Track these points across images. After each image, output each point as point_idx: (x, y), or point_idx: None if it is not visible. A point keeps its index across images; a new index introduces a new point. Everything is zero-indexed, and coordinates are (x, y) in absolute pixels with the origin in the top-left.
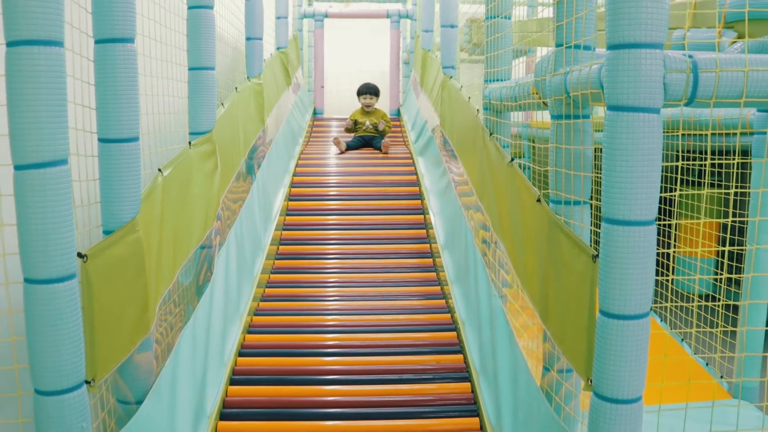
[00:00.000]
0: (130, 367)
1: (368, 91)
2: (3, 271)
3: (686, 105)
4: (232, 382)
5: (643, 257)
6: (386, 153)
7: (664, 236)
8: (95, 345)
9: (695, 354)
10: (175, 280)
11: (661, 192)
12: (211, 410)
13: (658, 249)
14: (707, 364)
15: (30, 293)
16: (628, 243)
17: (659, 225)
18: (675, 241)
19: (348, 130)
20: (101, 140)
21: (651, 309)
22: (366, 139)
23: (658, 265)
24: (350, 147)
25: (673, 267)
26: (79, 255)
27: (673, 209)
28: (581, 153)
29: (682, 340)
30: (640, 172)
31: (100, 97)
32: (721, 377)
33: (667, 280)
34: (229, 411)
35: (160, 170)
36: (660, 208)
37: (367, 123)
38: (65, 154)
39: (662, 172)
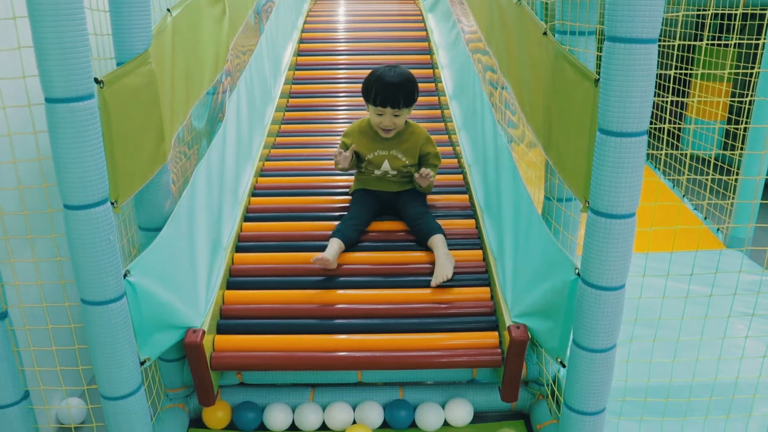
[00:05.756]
0: (150, 195)
1: (392, 99)
2: (25, 93)
3: None
4: (246, 219)
5: (643, 75)
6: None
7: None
8: (116, 168)
9: (698, 213)
10: (189, 121)
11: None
12: (228, 243)
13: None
14: (706, 218)
15: (51, 112)
16: (629, 60)
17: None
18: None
19: (342, 169)
20: None
21: (648, 130)
22: (382, 198)
23: (663, 131)
24: (348, 238)
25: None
26: (96, 81)
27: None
28: None
29: (683, 196)
30: None
31: None
32: (718, 230)
33: (676, 148)
34: (243, 244)
35: (168, 10)
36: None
37: (386, 166)
38: None
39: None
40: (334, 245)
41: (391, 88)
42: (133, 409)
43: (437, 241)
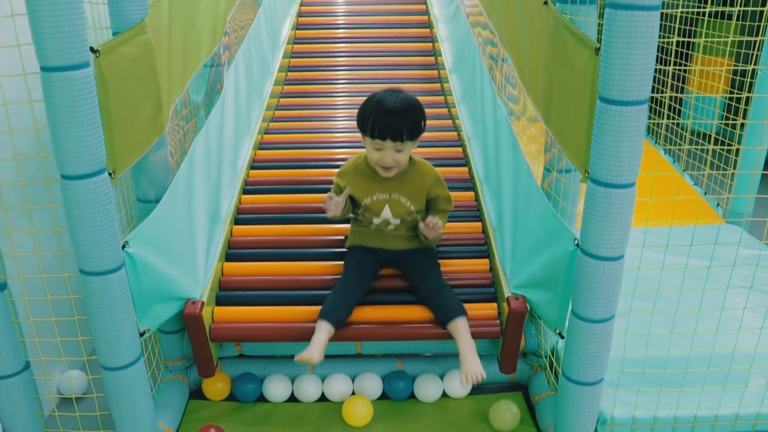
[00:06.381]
0: (148, 167)
1: (393, 130)
2: (19, 62)
3: None
4: (245, 191)
5: (645, 42)
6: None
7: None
8: (114, 138)
9: (698, 187)
10: (186, 94)
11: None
12: (227, 215)
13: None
14: (705, 193)
15: (47, 81)
16: (630, 27)
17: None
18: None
19: (333, 217)
20: None
21: (649, 98)
22: (385, 259)
23: (663, 105)
24: (340, 321)
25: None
26: (92, 50)
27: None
28: None
29: (684, 171)
30: None
31: None
32: (717, 204)
33: (676, 122)
34: (242, 216)
35: None
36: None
37: (387, 213)
38: None
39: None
40: (323, 333)
41: (391, 117)
42: (133, 379)
43: (460, 329)
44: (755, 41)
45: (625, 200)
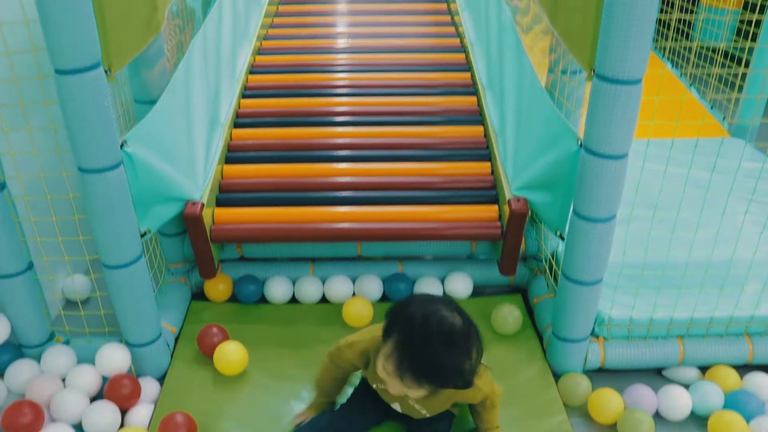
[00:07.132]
0: (145, 68)
1: (422, 375)
2: None
3: None
4: (244, 96)
5: None
6: None
7: None
8: (108, 34)
9: (702, 99)
10: None
11: None
12: (226, 119)
13: None
14: (712, 107)
15: None
16: None
17: None
18: None
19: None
20: None
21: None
22: (393, 415)
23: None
24: None
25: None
26: None
27: None
28: None
29: (690, 85)
30: None
31: None
32: (723, 118)
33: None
34: (242, 120)
35: None
36: None
37: (394, 406)
38: None
39: None
40: None
41: (423, 364)
42: (135, 277)
43: None
44: None
45: (631, 97)
